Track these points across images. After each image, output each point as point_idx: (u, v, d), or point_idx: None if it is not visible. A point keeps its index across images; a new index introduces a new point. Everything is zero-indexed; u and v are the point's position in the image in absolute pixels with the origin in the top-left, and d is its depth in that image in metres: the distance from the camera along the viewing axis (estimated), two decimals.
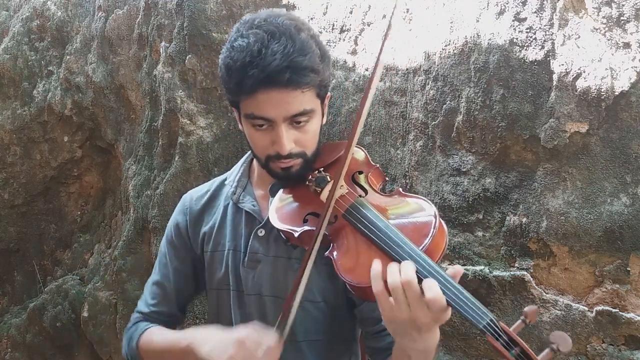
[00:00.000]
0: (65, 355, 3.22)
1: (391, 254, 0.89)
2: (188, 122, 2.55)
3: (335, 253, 0.98)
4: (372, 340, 1.12)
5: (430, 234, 0.91)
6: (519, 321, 0.85)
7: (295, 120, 1.05)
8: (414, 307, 0.84)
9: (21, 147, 3.39)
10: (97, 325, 2.93)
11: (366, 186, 1.08)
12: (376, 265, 0.88)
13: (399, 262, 0.88)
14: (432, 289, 0.84)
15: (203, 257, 1.27)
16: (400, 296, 0.84)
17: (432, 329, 0.89)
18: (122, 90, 3.07)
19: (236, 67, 1.01)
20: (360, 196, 1.04)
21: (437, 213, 0.94)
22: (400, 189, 1.06)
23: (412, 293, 0.84)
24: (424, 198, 0.99)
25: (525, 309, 0.84)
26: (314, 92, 1.06)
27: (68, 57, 3.26)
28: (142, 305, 1.32)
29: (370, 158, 1.14)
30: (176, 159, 2.57)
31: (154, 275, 1.34)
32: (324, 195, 1.06)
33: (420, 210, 0.97)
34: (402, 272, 0.85)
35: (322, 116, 1.15)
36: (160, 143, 2.70)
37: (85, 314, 2.97)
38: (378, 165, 1.14)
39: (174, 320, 1.31)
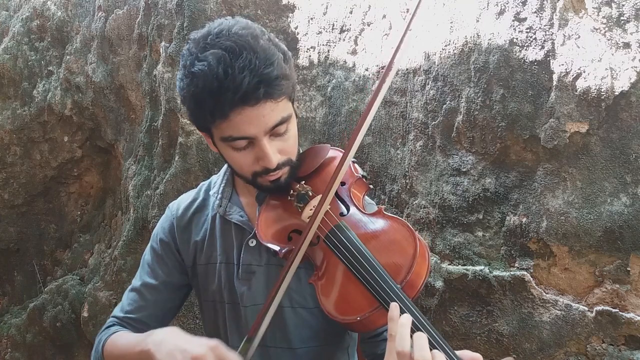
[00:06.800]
0: (65, 355, 3.22)
1: (372, 292, 0.88)
2: (188, 122, 2.55)
3: (316, 279, 0.97)
4: (368, 345, 1.11)
5: (410, 267, 0.89)
6: None
7: (275, 132, 1.01)
8: None
9: (21, 147, 3.39)
10: (97, 325, 2.92)
11: (348, 201, 1.04)
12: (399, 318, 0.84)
13: (379, 300, 0.87)
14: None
15: (195, 268, 1.24)
16: None
17: None
18: (122, 90, 3.07)
19: (204, 95, 0.95)
20: (341, 214, 1.02)
21: (417, 240, 0.91)
22: (383, 208, 1.02)
23: None
24: (405, 222, 0.96)
25: None
26: (287, 98, 1.03)
27: (68, 57, 3.26)
28: (117, 310, 1.28)
29: (353, 167, 1.10)
30: (176, 159, 2.57)
31: (135, 282, 1.29)
32: (305, 215, 1.03)
33: (401, 237, 0.94)
34: (416, 346, 0.80)
35: (296, 116, 1.12)
36: (160, 143, 2.70)
37: (85, 314, 2.97)
38: (361, 173, 1.09)
39: (147, 330, 1.25)
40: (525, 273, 1.77)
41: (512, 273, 1.78)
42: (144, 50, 2.88)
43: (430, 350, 0.80)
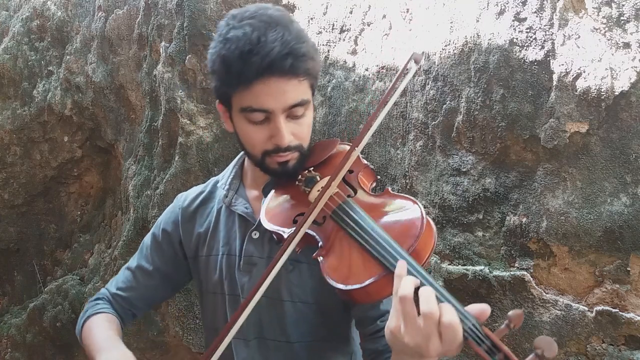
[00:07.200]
0: (65, 355, 3.22)
1: (378, 258, 0.88)
2: (188, 122, 2.55)
3: (322, 254, 0.97)
4: (369, 342, 1.11)
5: (417, 235, 0.89)
6: (503, 326, 0.81)
7: (292, 113, 1.05)
8: (425, 336, 0.78)
9: (21, 147, 3.39)
10: None
11: (355, 186, 1.06)
12: (401, 268, 0.83)
13: (386, 266, 0.86)
14: (451, 317, 0.77)
15: (197, 260, 1.26)
16: (411, 315, 0.79)
17: (434, 358, 0.83)
18: (122, 90, 3.07)
19: (234, 57, 0.99)
20: (349, 196, 1.03)
21: (424, 213, 0.92)
22: (389, 189, 1.04)
23: (430, 323, 0.78)
24: (412, 198, 0.97)
25: (510, 313, 0.80)
26: (309, 83, 1.06)
27: (68, 57, 3.26)
28: (111, 284, 1.34)
29: (362, 156, 1.12)
30: (176, 159, 2.57)
31: (132, 262, 1.34)
32: (312, 196, 1.05)
33: (408, 210, 0.95)
34: (422, 299, 0.79)
35: (314, 109, 1.15)
36: (160, 143, 2.70)
37: None
38: (369, 163, 1.12)
39: (134, 311, 1.32)
40: (525, 273, 1.77)
41: (512, 273, 1.78)
42: (144, 50, 2.88)
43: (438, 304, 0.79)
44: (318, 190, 1.04)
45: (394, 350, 0.86)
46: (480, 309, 0.82)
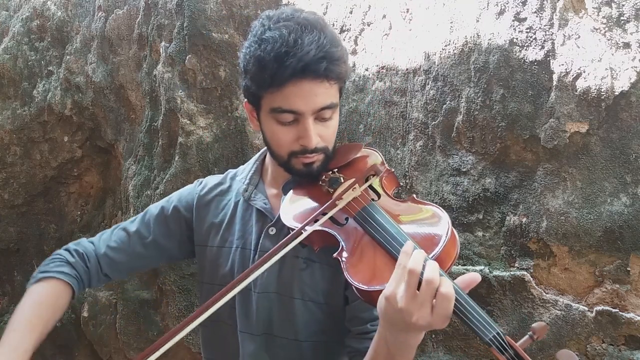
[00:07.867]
0: (65, 355, 3.22)
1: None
2: (188, 122, 2.55)
3: (344, 254, 0.98)
4: (354, 340, 1.12)
5: (441, 243, 0.90)
6: (526, 337, 0.84)
7: (320, 116, 1.06)
8: (419, 303, 0.82)
9: (21, 147, 3.39)
10: (97, 325, 2.93)
11: (379, 190, 1.08)
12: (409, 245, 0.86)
13: None
14: (448, 289, 0.82)
15: (205, 249, 1.26)
16: (413, 284, 0.82)
17: (419, 331, 0.87)
18: (122, 90, 3.07)
19: (270, 58, 1.00)
20: (373, 200, 1.04)
21: (450, 222, 0.93)
22: (415, 196, 1.06)
23: (429, 290, 0.82)
24: (437, 206, 0.99)
25: (534, 324, 0.83)
26: (338, 87, 1.08)
27: (68, 57, 3.26)
28: (100, 241, 1.28)
29: (385, 162, 1.14)
30: (176, 159, 2.57)
31: (130, 225, 1.31)
32: (336, 196, 1.06)
33: (434, 218, 0.96)
34: (427, 268, 0.83)
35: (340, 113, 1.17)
36: (160, 143, 2.70)
37: (85, 314, 2.97)
38: (392, 169, 1.14)
39: (112, 275, 1.28)
40: (525, 273, 1.77)
41: (512, 273, 1.78)
42: (144, 50, 2.88)
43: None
44: (343, 191, 1.06)
45: (383, 319, 0.89)
46: (465, 281, 0.88)
